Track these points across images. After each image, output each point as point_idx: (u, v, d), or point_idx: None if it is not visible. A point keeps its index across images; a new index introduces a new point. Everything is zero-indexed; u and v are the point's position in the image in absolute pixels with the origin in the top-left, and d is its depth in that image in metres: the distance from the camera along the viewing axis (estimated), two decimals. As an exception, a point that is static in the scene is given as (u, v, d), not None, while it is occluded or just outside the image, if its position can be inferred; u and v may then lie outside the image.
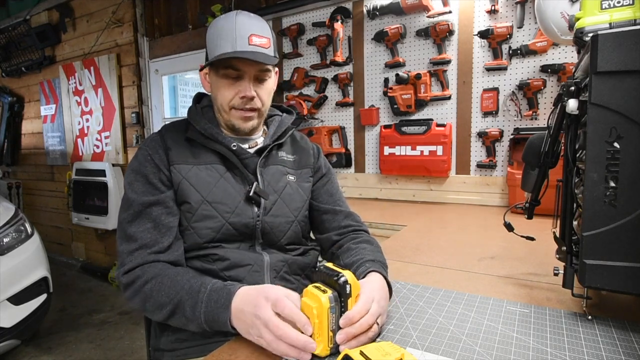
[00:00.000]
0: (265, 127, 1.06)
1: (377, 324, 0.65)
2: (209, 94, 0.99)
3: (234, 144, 0.93)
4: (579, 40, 0.74)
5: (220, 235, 0.89)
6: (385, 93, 2.25)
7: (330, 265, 0.66)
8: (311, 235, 1.10)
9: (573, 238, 0.74)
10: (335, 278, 0.62)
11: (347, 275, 0.63)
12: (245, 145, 0.98)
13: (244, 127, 0.94)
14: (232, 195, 0.91)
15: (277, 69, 1.01)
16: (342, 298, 0.62)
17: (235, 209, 0.90)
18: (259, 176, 0.94)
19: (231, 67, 0.89)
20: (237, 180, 0.93)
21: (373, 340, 0.64)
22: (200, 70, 0.98)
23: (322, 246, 1.06)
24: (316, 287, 0.63)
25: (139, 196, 0.86)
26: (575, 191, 0.74)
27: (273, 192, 0.95)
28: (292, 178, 1.00)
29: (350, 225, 1.02)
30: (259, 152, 0.96)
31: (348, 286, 0.62)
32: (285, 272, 0.94)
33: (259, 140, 1.01)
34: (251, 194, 0.90)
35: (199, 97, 1.05)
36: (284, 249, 0.97)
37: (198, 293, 0.73)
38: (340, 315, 0.62)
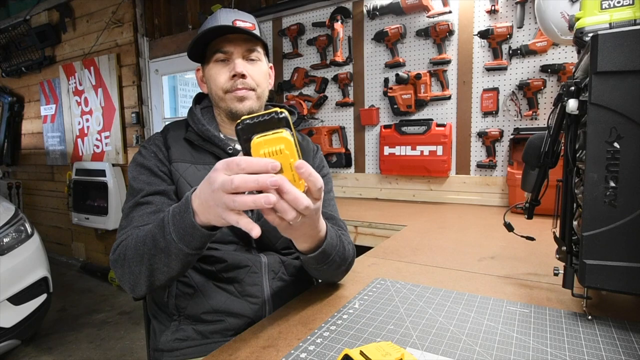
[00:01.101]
0: None
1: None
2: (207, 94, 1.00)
3: (231, 147, 0.92)
4: (579, 40, 0.74)
5: (215, 238, 0.87)
6: (385, 93, 2.25)
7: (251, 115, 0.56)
8: None
9: (573, 238, 0.74)
10: (274, 116, 0.53)
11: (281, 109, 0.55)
12: None
13: (241, 108, 0.92)
14: None
15: (271, 64, 1.02)
16: (292, 133, 0.54)
17: None
18: None
19: (218, 50, 0.90)
20: None
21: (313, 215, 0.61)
22: (188, 51, 0.94)
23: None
24: (261, 136, 0.54)
25: (144, 185, 0.86)
26: (575, 191, 0.74)
27: None
28: None
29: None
30: None
31: (289, 117, 0.54)
32: (282, 273, 0.93)
33: None
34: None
35: (199, 98, 1.05)
36: (280, 252, 0.96)
37: (163, 220, 0.68)
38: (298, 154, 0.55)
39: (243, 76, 0.90)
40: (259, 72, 0.93)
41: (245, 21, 0.90)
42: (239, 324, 0.85)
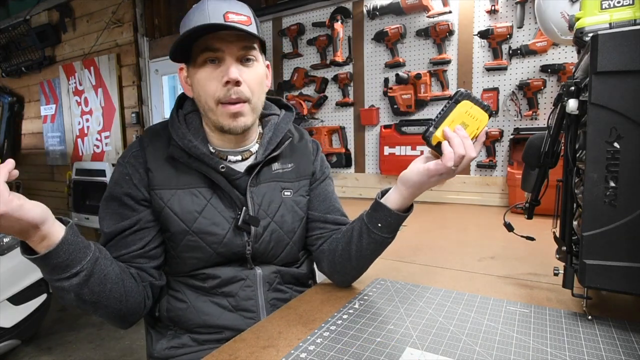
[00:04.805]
0: (260, 129, 0.92)
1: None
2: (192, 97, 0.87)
3: (222, 165, 0.81)
4: (579, 40, 0.74)
5: (209, 264, 0.84)
6: (385, 93, 2.25)
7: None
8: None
9: (573, 238, 0.74)
10: (487, 106, 0.73)
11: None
12: (238, 157, 0.87)
13: (235, 126, 0.79)
14: (221, 223, 0.82)
15: (268, 62, 0.89)
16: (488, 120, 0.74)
17: (224, 239, 0.82)
18: (248, 199, 0.84)
19: (208, 48, 0.76)
20: (225, 204, 0.83)
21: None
22: (170, 53, 0.80)
23: (309, 248, 0.97)
24: (473, 104, 0.72)
25: (109, 229, 0.81)
26: (575, 191, 0.74)
27: (265, 216, 0.86)
28: (289, 193, 0.90)
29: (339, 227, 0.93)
30: (250, 169, 0.85)
31: (492, 114, 0.74)
32: (278, 283, 0.90)
33: (253, 148, 0.89)
34: (239, 223, 0.81)
35: (181, 101, 0.90)
36: (278, 265, 0.92)
37: None
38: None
39: (237, 83, 0.76)
40: (254, 78, 0.80)
41: (239, 13, 0.76)
42: (235, 336, 0.84)
